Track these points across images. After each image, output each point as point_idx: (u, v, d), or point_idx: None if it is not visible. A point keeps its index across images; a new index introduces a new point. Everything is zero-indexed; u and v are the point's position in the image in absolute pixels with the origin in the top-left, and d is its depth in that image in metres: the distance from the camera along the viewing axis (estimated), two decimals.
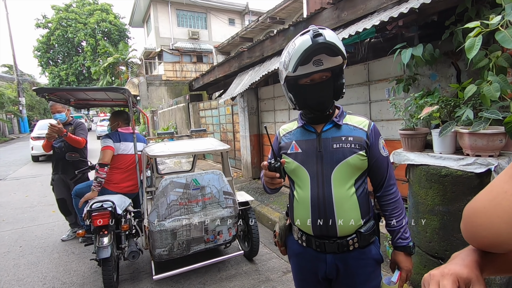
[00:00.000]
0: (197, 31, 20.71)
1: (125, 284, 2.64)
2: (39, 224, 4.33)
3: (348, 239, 1.15)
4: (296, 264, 1.30)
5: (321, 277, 1.21)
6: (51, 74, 30.80)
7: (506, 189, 0.41)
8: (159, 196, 2.32)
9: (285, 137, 1.27)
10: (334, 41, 1.00)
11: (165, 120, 12.56)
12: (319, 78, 1.10)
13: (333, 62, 1.06)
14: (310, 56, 1.03)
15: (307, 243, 1.22)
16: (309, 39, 1.00)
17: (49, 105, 3.35)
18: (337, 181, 1.13)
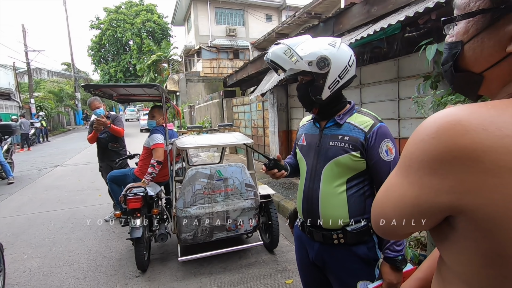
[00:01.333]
0: (235, 28, 21.10)
1: (155, 263, 2.93)
2: (88, 206, 4.88)
3: (332, 233, 1.20)
4: (296, 246, 1.42)
5: (312, 261, 1.30)
6: (102, 71, 33.56)
7: (393, 182, 0.47)
8: (185, 185, 2.54)
9: (300, 129, 1.40)
10: (271, 58, 1.17)
11: (201, 115, 13.11)
12: (300, 80, 1.25)
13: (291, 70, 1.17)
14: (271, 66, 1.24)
15: (301, 228, 1.33)
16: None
17: (87, 103, 3.80)
18: (326, 177, 1.19)
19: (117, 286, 2.58)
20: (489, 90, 0.48)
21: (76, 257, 3.13)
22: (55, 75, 28.39)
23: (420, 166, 0.41)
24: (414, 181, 0.42)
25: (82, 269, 2.88)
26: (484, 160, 0.35)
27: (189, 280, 2.62)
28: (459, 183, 0.37)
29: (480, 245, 0.38)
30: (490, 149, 0.34)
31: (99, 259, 3.08)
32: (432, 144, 0.39)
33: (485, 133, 0.35)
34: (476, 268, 0.40)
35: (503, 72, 0.44)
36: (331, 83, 1.16)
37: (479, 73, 0.46)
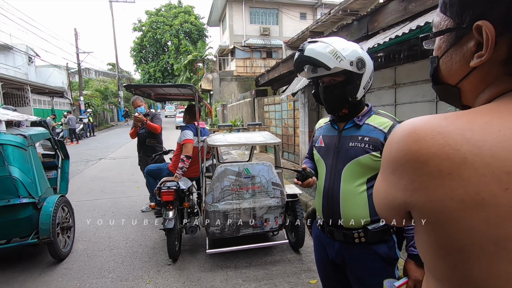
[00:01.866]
0: (268, 27, 21.17)
1: (185, 253, 3.10)
2: (127, 196, 5.26)
3: (353, 232, 1.22)
4: (315, 245, 1.44)
5: (332, 260, 1.32)
6: (142, 71, 35.56)
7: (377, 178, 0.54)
8: (214, 181, 2.65)
9: (317, 131, 1.43)
10: (311, 55, 1.14)
11: (233, 114, 13.37)
12: (328, 81, 1.23)
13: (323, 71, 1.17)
14: (299, 65, 1.21)
15: (321, 227, 1.35)
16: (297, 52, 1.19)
17: (131, 101, 4.14)
18: (347, 177, 1.22)
19: (151, 272, 2.79)
20: (467, 100, 0.51)
21: (115, 243, 3.42)
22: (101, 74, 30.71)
23: (387, 166, 0.48)
24: (384, 178, 0.50)
25: (120, 254, 3.14)
26: (429, 164, 0.40)
27: (216, 272, 2.74)
28: (410, 182, 0.43)
29: (430, 237, 0.44)
30: (434, 155, 0.40)
31: (135, 246, 3.33)
32: (394, 148, 0.46)
33: (432, 141, 0.40)
34: (431, 258, 0.45)
35: (473, 84, 0.48)
36: (365, 83, 1.20)
37: (455, 85, 0.50)
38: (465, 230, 0.38)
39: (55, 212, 2.80)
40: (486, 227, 0.37)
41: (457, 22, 0.47)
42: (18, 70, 18.25)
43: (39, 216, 2.72)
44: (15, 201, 2.56)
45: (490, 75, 0.45)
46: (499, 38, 0.41)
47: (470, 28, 0.44)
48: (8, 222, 2.60)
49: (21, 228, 2.71)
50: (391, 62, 3.82)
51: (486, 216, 0.37)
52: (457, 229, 0.39)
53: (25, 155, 2.81)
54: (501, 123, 0.38)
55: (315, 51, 1.15)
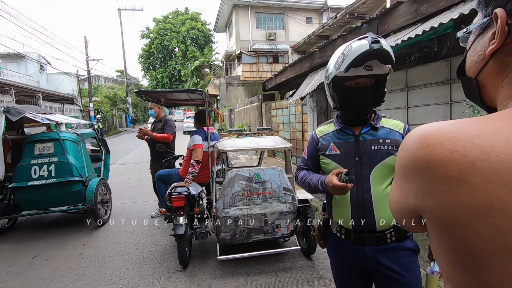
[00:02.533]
0: (274, 32, 21.25)
1: (196, 259, 3.07)
2: (136, 202, 5.28)
3: (386, 233, 1.21)
4: (335, 255, 1.38)
5: (359, 267, 1.28)
6: (150, 77, 36.04)
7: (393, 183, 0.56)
8: (225, 186, 2.63)
9: (322, 139, 1.36)
10: (389, 50, 1.09)
11: (240, 118, 13.39)
12: (364, 82, 1.19)
13: (382, 69, 1.15)
14: (364, 60, 1.11)
15: (346, 235, 1.30)
16: (367, 44, 1.09)
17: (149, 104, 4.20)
18: (376, 181, 1.20)
19: (161, 278, 2.76)
20: (489, 97, 0.51)
21: (126, 248, 3.41)
22: (110, 81, 31.22)
23: (400, 171, 0.49)
24: (397, 183, 0.51)
25: (131, 260, 3.13)
26: (437, 169, 0.41)
27: (227, 279, 2.70)
28: (420, 187, 0.44)
29: (442, 242, 0.44)
30: (442, 161, 0.40)
31: (146, 252, 3.32)
32: (405, 154, 0.47)
33: (440, 147, 0.41)
34: (445, 263, 0.45)
35: (490, 75, 0.48)
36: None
37: (474, 77, 0.51)
38: (475, 236, 0.39)
39: (97, 189, 3.89)
40: (495, 233, 0.37)
41: (484, 15, 0.48)
42: (30, 78, 18.70)
43: (86, 191, 3.83)
44: (70, 178, 3.71)
45: (506, 65, 0.45)
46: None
47: (491, 18, 0.45)
48: (65, 193, 3.76)
49: (74, 198, 3.86)
50: (402, 65, 3.77)
51: (495, 222, 0.37)
52: (466, 234, 0.39)
53: (77, 148, 4.03)
54: (511, 130, 0.38)
55: (389, 46, 1.10)
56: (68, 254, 3.31)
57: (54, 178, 3.66)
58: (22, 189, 3.61)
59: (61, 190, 3.72)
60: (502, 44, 0.44)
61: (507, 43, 0.44)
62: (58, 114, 5.08)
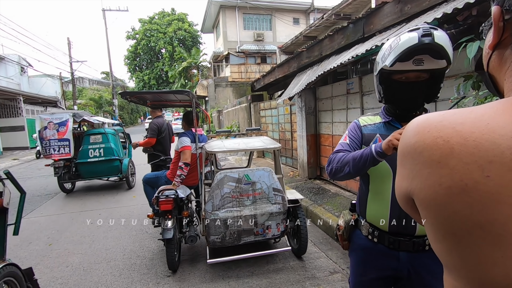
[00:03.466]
0: (262, 33, 21.30)
1: (185, 263, 3.01)
2: (123, 206, 5.15)
3: (425, 238, 1.14)
4: (360, 259, 1.30)
5: (388, 274, 1.21)
6: (137, 79, 35.48)
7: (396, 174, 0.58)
8: (214, 188, 2.59)
9: (367, 128, 1.28)
10: (443, 44, 0.97)
11: (229, 119, 13.33)
12: (415, 77, 1.08)
13: (435, 64, 1.02)
14: (412, 54, 1.01)
15: (378, 239, 1.21)
16: (416, 37, 0.98)
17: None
18: None
19: (150, 284, 2.69)
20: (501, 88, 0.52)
21: (112, 255, 3.31)
22: (95, 83, 30.54)
23: (398, 159, 0.53)
24: (397, 170, 0.55)
25: (118, 267, 3.04)
26: (423, 154, 0.45)
27: (218, 283, 2.65)
28: (410, 171, 0.48)
29: (428, 222, 0.47)
30: (427, 146, 0.44)
31: (133, 257, 3.23)
32: (402, 141, 0.51)
33: (427, 134, 0.45)
34: (433, 244, 0.48)
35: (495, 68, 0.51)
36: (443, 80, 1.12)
37: (486, 70, 0.53)
38: (453, 215, 0.42)
39: (128, 164, 6.32)
40: (470, 212, 0.40)
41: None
42: (10, 81, 18.05)
43: (121, 166, 6.20)
44: (112, 157, 6.10)
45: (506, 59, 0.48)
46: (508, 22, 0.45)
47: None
48: (109, 167, 6.13)
49: (114, 171, 6.18)
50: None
51: (470, 201, 0.40)
52: (446, 214, 0.42)
53: (115, 138, 6.48)
54: (492, 118, 0.41)
55: (445, 40, 0.98)
56: (51, 263, 3.19)
57: (102, 157, 6.09)
58: (83, 164, 6.07)
59: (106, 165, 6.11)
60: (499, 39, 0.47)
61: (504, 38, 0.46)
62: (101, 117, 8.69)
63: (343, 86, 4.85)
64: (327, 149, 5.51)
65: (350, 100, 4.67)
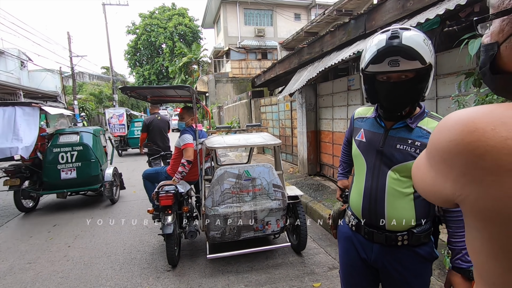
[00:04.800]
0: (263, 29, 21.18)
1: (185, 258, 3.02)
2: (124, 201, 5.17)
3: (397, 234, 1.16)
4: (344, 247, 1.34)
5: (367, 263, 1.25)
6: (137, 74, 35.37)
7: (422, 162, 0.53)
8: (214, 184, 2.59)
9: (357, 121, 1.31)
10: (412, 45, 0.97)
11: (229, 115, 13.31)
12: (397, 77, 1.07)
13: (410, 65, 1.01)
14: (383, 56, 1.01)
15: (356, 228, 1.26)
16: (384, 39, 1.00)
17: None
18: (393, 179, 1.14)
19: (150, 278, 2.71)
20: None
21: (113, 249, 3.33)
22: (96, 78, 30.41)
23: (436, 154, 0.46)
24: (432, 165, 0.48)
25: (118, 261, 3.06)
26: (485, 158, 0.37)
27: (217, 278, 2.67)
28: (461, 175, 0.41)
29: (483, 235, 0.41)
30: (493, 149, 0.37)
31: (134, 252, 3.25)
32: (447, 136, 0.43)
33: (492, 133, 0.37)
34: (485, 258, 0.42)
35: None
36: (432, 79, 1.09)
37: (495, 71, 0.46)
38: None
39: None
40: None
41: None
42: (10, 75, 17.98)
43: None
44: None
45: None
46: None
47: None
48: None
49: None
50: None
51: None
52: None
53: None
54: None
55: (414, 41, 0.97)
56: (52, 257, 3.21)
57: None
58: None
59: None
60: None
61: None
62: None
63: (344, 83, 4.83)
64: (327, 146, 5.51)
65: (351, 96, 4.66)
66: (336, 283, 2.58)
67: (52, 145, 4.63)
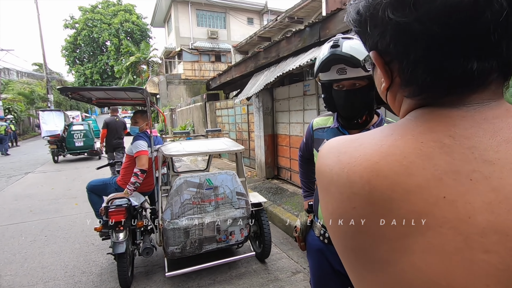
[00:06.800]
0: (216, 31, 20.95)
1: (140, 277, 2.75)
2: (63, 216, 4.57)
3: None
4: (315, 260, 1.31)
5: (342, 274, 1.22)
6: (77, 73, 32.21)
7: None
8: (173, 195, 2.40)
9: (318, 132, 1.30)
10: (351, 53, 1.00)
11: (183, 119, 12.83)
12: (349, 85, 1.10)
13: (358, 72, 1.05)
14: (327, 64, 1.05)
15: (329, 240, 1.23)
16: (327, 49, 1.04)
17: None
18: None
19: None
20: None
21: (51, 273, 2.89)
22: (26, 76, 26.86)
23: None
24: None
25: (58, 287, 2.66)
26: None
27: None
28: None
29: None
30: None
31: (78, 274, 2.86)
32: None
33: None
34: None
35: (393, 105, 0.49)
36: None
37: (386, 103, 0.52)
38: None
39: None
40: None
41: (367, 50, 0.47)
42: None
43: None
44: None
45: (398, 99, 0.46)
46: (391, 65, 0.42)
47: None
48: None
49: None
50: None
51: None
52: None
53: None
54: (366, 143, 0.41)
55: (354, 49, 1.00)
56: None
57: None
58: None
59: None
60: (390, 82, 0.44)
61: (394, 77, 0.43)
62: None
63: (299, 88, 4.96)
64: (285, 149, 5.60)
65: (307, 101, 4.80)
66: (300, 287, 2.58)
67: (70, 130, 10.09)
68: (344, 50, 1.01)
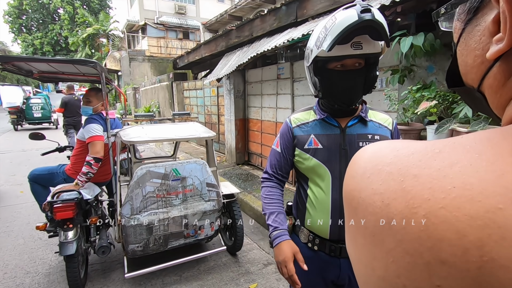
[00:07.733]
0: (184, 6, 19.68)
1: (95, 275, 2.46)
2: (4, 206, 4.01)
3: None
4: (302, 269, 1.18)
5: (330, 281, 1.13)
6: (24, 42, 28.72)
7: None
8: (133, 187, 2.11)
9: (300, 129, 1.14)
10: (383, 22, 0.87)
11: (147, 99, 12.03)
12: (352, 64, 0.97)
13: (373, 48, 0.93)
14: (352, 34, 0.88)
15: (319, 246, 1.12)
16: (355, 14, 0.85)
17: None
18: None
19: None
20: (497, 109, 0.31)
21: None
22: None
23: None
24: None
25: None
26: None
27: None
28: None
29: None
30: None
31: (20, 275, 2.49)
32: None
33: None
34: None
35: (494, 87, 0.29)
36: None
37: (477, 88, 0.32)
38: None
39: None
40: None
41: None
42: None
43: None
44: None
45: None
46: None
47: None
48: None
49: None
50: None
51: None
52: None
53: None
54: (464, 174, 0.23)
55: (383, 19, 0.86)
56: None
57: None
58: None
59: None
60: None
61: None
62: None
63: (273, 71, 4.73)
64: (256, 134, 5.42)
65: (281, 85, 4.61)
66: (272, 281, 2.48)
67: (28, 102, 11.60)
68: (377, 17, 0.85)
